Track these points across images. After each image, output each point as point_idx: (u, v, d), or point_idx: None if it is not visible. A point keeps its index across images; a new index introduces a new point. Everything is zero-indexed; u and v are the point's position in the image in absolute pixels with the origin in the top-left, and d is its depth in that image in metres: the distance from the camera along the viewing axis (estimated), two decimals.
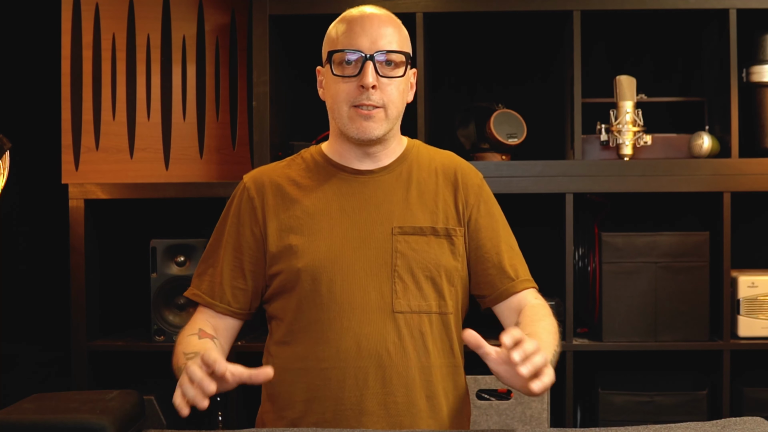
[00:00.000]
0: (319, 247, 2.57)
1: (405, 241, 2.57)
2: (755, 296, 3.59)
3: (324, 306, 2.55)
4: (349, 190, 2.62)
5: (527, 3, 3.63)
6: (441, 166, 2.69)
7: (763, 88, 3.64)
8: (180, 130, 3.92)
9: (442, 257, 2.60)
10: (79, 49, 3.85)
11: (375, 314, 2.54)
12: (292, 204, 2.62)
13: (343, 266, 2.56)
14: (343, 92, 2.53)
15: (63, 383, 3.96)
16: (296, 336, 2.59)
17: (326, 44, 2.61)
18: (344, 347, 2.52)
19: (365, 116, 2.53)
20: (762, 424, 2.26)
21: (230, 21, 3.93)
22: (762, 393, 3.65)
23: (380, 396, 2.52)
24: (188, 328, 2.60)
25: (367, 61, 2.49)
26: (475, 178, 2.70)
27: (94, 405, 2.22)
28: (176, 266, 3.76)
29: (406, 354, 2.53)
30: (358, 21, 2.52)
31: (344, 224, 2.59)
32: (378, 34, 2.51)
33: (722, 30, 3.63)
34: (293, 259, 2.57)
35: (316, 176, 2.65)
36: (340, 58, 2.52)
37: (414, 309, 2.56)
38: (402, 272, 2.56)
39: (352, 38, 2.50)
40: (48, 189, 4.00)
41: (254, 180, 2.68)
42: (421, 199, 2.63)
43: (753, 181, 3.59)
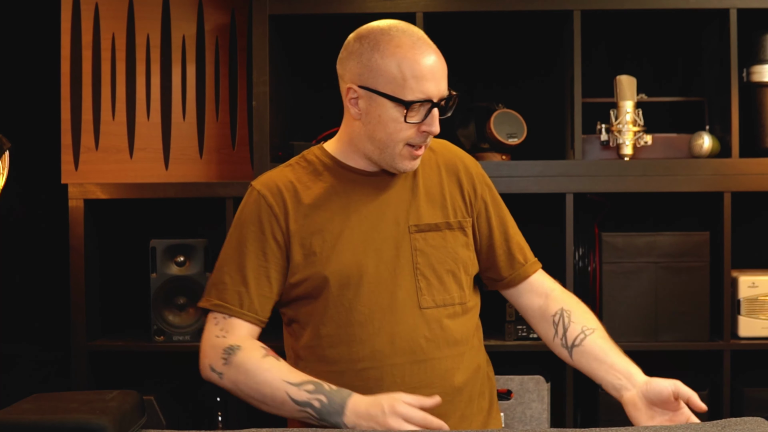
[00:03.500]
0: (343, 253, 2.59)
1: (423, 239, 2.63)
2: (756, 296, 3.59)
3: (354, 309, 2.59)
4: (362, 192, 2.64)
5: (527, 3, 3.63)
6: (442, 158, 2.73)
7: (764, 87, 3.64)
8: (180, 130, 3.92)
9: (459, 250, 2.67)
10: (79, 49, 3.85)
11: (404, 312, 2.59)
12: (309, 209, 2.62)
13: (369, 269, 2.60)
14: (403, 134, 2.51)
15: (63, 383, 3.96)
16: (326, 339, 2.61)
17: (382, 77, 2.51)
18: (378, 347, 2.58)
19: (417, 156, 2.57)
20: (762, 425, 2.26)
21: (230, 21, 3.94)
22: (762, 393, 3.65)
23: (417, 390, 2.56)
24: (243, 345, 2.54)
25: (435, 109, 2.50)
26: (476, 167, 2.77)
27: (93, 405, 2.22)
28: (176, 266, 3.77)
29: (437, 346, 2.60)
30: (429, 68, 2.48)
31: (363, 227, 2.62)
32: (443, 81, 2.52)
33: (723, 30, 3.63)
34: (318, 266, 2.59)
35: (327, 179, 2.65)
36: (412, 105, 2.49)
37: (439, 303, 2.63)
38: (424, 269, 2.62)
39: (423, 85, 2.47)
40: (48, 189, 4.00)
41: (267, 186, 2.65)
42: (430, 196, 2.67)
43: (753, 181, 3.60)
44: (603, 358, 2.57)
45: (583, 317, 2.67)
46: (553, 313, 2.70)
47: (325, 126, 3.92)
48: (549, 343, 2.72)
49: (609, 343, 2.61)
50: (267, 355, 2.52)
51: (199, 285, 3.74)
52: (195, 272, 3.76)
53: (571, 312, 2.68)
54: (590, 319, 2.68)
